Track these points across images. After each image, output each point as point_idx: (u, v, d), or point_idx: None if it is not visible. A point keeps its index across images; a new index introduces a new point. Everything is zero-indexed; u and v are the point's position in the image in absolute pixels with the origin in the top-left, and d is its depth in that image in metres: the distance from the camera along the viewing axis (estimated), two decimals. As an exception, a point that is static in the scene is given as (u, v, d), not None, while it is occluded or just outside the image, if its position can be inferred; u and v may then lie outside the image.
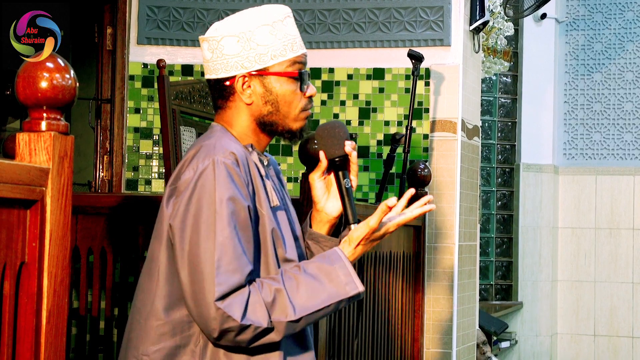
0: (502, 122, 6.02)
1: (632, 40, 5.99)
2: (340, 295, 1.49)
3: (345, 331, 2.77)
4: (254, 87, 1.57)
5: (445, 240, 3.84)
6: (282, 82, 1.57)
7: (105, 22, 4.01)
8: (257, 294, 1.45)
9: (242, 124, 1.59)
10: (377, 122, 3.96)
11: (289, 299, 1.46)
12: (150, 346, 1.52)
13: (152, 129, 3.98)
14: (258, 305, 1.44)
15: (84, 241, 2.51)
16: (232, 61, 1.56)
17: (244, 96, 1.57)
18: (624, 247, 5.94)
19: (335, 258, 1.52)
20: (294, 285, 1.47)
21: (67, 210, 1.23)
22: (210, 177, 1.46)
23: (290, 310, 1.45)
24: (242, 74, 1.56)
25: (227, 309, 1.42)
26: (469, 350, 4.06)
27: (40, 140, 1.21)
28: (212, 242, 1.44)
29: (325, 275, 1.49)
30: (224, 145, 1.51)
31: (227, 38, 1.55)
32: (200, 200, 1.46)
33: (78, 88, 1.26)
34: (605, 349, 5.96)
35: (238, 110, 1.59)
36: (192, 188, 1.47)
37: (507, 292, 5.99)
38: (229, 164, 1.48)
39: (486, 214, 5.93)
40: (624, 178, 5.97)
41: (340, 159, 1.57)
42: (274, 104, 1.57)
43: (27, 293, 1.19)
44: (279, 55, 1.56)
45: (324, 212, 1.61)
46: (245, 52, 1.55)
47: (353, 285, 1.50)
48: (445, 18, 3.91)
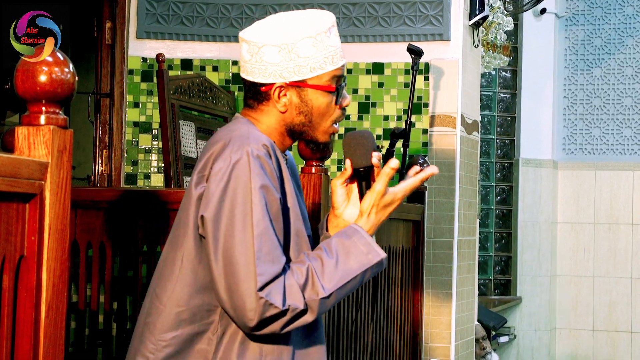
0: (501, 117, 6.02)
1: (631, 35, 5.99)
2: (364, 265, 1.51)
3: (345, 325, 2.77)
4: (290, 97, 1.58)
5: (444, 235, 3.86)
6: (318, 95, 1.58)
7: (104, 17, 4.01)
8: (290, 278, 1.47)
9: (270, 125, 1.60)
10: (376, 116, 3.98)
11: (318, 278, 1.48)
12: (168, 332, 1.53)
13: (151, 123, 3.99)
14: (294, 289, 1.46)
15: (83, 235, 2.53)
16: (271, 69, 1.56)
17: (279, 104, 1.58)
18: (623, 242, 5.95)
19: (351, 232, 1.54)
20: (319, 264, 1.49)
21: (66, 204, 1.23)
22: (245, 168, 1.47)
23: (321, 289, 1.47)
24: (280, 84, 1.57)
25: (269, 297, 1.43)
26: (468, 345, 4.08)
27: (39, 134, 1.21)
28: (250, 234, 1.45)
29: (345, 250, 1.51)
30: (257, 136, 1.52)
31: (269, 47, 1.56)
32: (235, 191, 1.47)
33: (77, 82, 1.26)
34: (603, 343, 5.97)
35: (269, 115, 1.60)
36: (227, 179, 1.47)
37: (506, 287, 6.00)
38: (262, 155, 1.49)
39: (485, 208, 5.93)
40: (623, 173, 5.97)
41: (364, 169, 1.59)
42: (307, 115, 1.59)
43: (26, 287, 1.20)
44: (318, 68, 1.57)
45: (342, 218, 1.63)
46: (285, 63, 1.56)
47: (375, 254, 1.52)
48: (444, 13, 3.92)
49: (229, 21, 4.05)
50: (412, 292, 3.62)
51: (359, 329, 2.91)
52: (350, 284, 1.51)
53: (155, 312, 1.55)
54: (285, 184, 1.55)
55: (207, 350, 1.53)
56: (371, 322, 3.01)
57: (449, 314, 3.80)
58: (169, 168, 3.51)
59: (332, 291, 1.49)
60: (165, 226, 2.47)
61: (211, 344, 1.53)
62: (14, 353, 1.19)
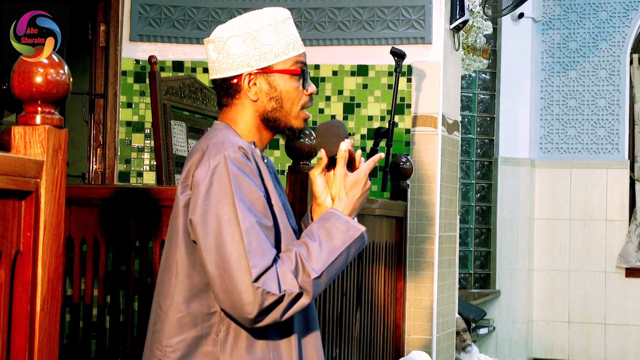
0: (481, 117, 6.03)
1: (605, 39, 6.03)
2: (346, 241, 1.54)
3: (330, 318, 2.80)
4: (260, 84, 1.61)
5: (426, 231, 3.88)
6: (285, 79, 1.62)
7: (98, 20, 4.02)
8: (282, 266, 1.49)
9: (247, 120, 1.63)
10: (361, 117, 4.00)
11: (306, 261, 1.50)
12: (173, 337, 1.55)
13: (144, 123, 4.00)
14: (287, 275, 1.48)
15: (77, 231, 2.53)
16: (238, 60, 1.60)
17: (250, 93, 1.61)
18: (597, 237, 5.98)
19: (328, 215, 1.57)
20: (304, 249, 1.52)
21: (61, 201, 1.23)
22: (224, 171, 1.50)
23: (311, 270, 1.49)
24: (248, 72, 1.60)
25: (265, 286, 1.45)
26: (449, 337, 4.10)
27: (35, 134, 1.22)
28: (237, 231, 1.47)
29: (326, 232, 1.54)
30: (232, 140, 1.55)
31: (233, 38, 1.60)
32: (218, 193, 1.49)
33: (72, 83, 1.27)
34: (578, 335, 6.00)
35: (243, 107, 1.63)
36: (208, 183, 1.50)
37: (486, 280, 6.02)
38: (239, 157, 1.52)
39: (465, 205, 5.95)
40: (597, 171, 6.00)
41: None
42: (278, 100, 1.62)
43: (22, 281, 1.20)
44: (282, 54, 1.61)
45: (325, 206, 1.65)
46: (250, 52, 1.60)
47: (355, 229, 1.55)
48: (426, 17, 3.95)
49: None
50: (395, 286, 3.63)
51: (344, 322, 2.93)
52: (338, 262, 1.53)
53: (159, 320, 1.58)
54: (265, 182, 1.57)
55: (214, 351, 1.54)
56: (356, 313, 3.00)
57: (430, 307, 3.82)
58: (160, 166, 3.50)
59: (322, 270, 1.50)
60: (157, 222, 2.49)
61: (217, 345, 1.54)
62: (10, 345, 1.19)
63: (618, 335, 5.97)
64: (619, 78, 6.02)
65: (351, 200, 1.60)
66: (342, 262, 1.55)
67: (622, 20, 6.03)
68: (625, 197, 5.99)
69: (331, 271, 1.53)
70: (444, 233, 4.00)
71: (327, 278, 1.53)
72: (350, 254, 1.56)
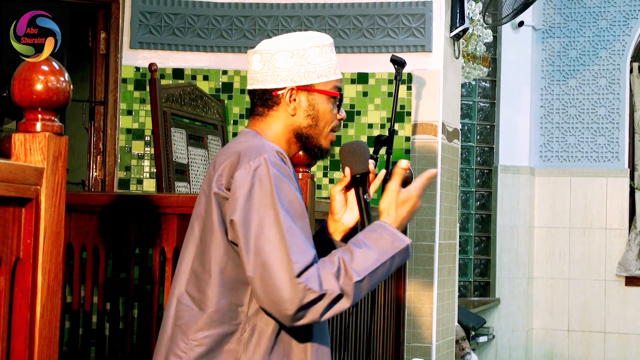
0: (480, 125, 6.04)
1: (605, 47, 6.04)
2: (389, 251, 1.57)
3: (330, 326, 2.80)
4: (300, 100, 1.68)
5: (426, 239, 3.89)
6: (323, 100, 1.69)
7: (99, 27, 4.04)
8: (324, 267, 1.52)
9: (277, 132, 1.69)
10: (361, 124, 4.02)
11: (349, 264, 1.53)
12: (200, 332, 1.58)
13: (144, 130, 4.02)
14: (329, 275, 1.51)
15: (77, 238, 2.54)
16: (283, 74, 1.67)
17: (289, 107, 1.68)
18: (597, 245, 5.98)
19: (376, 227, 1.61)
20: (348, 255, 1.55)
21: (61, 208, 1.24)
22: (265, 173, 1.54)
23: (354, 273, 1.52)
24: (292, 87, 1.67)
25: (307, 283, 1.48)
26: (448, 345, 4.11)
27: (35, 141, 1.22)
28: (279, 230, 1.51)
29: (372, 241, 1.58)
30: (270, 145, 1.61)
31: (282, 52, 1.67)
32: (259, 194, 1.54)
33: (72, 90, 1.27)
34: (578, 343, 6.00)
35: (278, 120, 1.69)
36: (250, 184, 1.54)
37: (485, 288, 6.03)
38: (278, 161, 1.57)
39: (465, 213, 5.96)
40: (597, 179, 6.01)
41: (361, 175, 1.68)
42: (314, 118, 1.69)
43: (22, 288, 1.21)
44: (324, 75, 1.68)
45: (341, 222, 1.72)
46: (296, 68, 1.67)
47: (400, 241, 1.59)
48: (426, 25, 3.97)
49: (219, 32, 4.09)
50: (395, 294, 3.64)
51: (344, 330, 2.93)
52: (381, 270, 1.56)
53: (187, 314, 1.60)
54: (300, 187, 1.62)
55: (237, 349, 1.57)
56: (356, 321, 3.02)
57: (430, 314, 3.83)
58: (160, 173, 3.51)
59: (365, 275, 1.53)
60: (157, 230, 2.50)
61: (240, 344, 1.57)
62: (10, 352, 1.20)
63: (617, 344, 5.97)
64: (619, 86, 6.03)
65: (400, 216, 1.64)
66: (385, 271, 1.58)
67: (622, 28, 6.05)
68: (625, 205, 6.00)
69: (373, 278, 1.56)
70: (443, 241, 4.01)
71: (369, 284, 1.56)
72: (394, 265, 1.60)
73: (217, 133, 4.01)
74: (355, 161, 1.69)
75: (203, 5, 4.10)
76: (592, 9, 6.07)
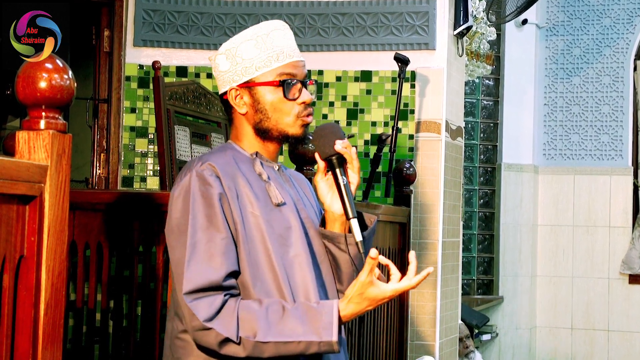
0: (484, 124, 6.05)
1: (609, 45, 6.04)
2: (310, 335, 1.49)
3: None
4: (244, 98, 1.66)
5: (429, 237, 3.88)
6: (267, 91, 1.65)
7: (102, 25, 4.04)
8: (233, 305, 1.50)
9: (246, 133, 1.68)
10: (364, 122, 4.01)
11: (265, 321, 1.48)
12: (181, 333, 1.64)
13: (148, 128, 4.02)
14: (229, 316, 1.48)
15: (81, 236, 2.50)
16: (225, 77, 1.67)
17: (239, 108, 1.67)
18: (600, 244, 5.99)
19: (326, 305, 1.53)
20: (277, 312, 1.50)
21: (64, 206, 1.24)
22: (187, 189, 1.57)
23: (261, 332, 1.48)
24: (233, 88, 1.66)
25: (193, 307, 1.49)
26: (452, 343, 4.10)
27: (39, 139, 1.22)
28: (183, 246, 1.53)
29: (308, 315, 1.51)
30: (207, 158, 1.61)
31: (219, 56, 1.68)
32: (179, 210, 1.57)
33: (76, 88, 1.27)
34: (581, 341, 6.00)
35: (240, 121, 1.68)
36: (175, 200, 1.58)
37: (489, 286, 6.03)
38: (204, 175, 1.57)
39: (469, 211, 5.96)
40: (601, 178, 6.01)
41: (335, 157, 1.62)
42: (263, 111, 1.65)
43: (26, 286, 1.21)
44: (263, 66, 1.65)
45: (331, 211, 1.66)
46: (233, 67, 1.66)
47: (328, 332, 1.49)
48: (430, 23, 3.96)
49: (223, 30, 4.09)
50: None
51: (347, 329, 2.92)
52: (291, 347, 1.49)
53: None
54: (247, 194, 1.59)
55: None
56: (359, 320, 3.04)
57: (433, 313, 3.82)
58: (164, 171, 3.51)
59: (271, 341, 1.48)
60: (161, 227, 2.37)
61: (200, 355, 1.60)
62: (14, 350, 1.20)
63: (621, 342, 5.97)
64: (623, 84, 6.03)
65: (358, 309, 1.55)
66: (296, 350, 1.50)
67: (626, 26, 6.04)
68: (628, 203, 6.00)
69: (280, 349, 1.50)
70: (447, 239, 4.01)
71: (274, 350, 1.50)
72: (309, 351, 1.51)
73: (220, 131, 4.01)
74: (322, 144, 1.63)
75: (207, 3, 4.10)
76: (596, 7, 6.06)
